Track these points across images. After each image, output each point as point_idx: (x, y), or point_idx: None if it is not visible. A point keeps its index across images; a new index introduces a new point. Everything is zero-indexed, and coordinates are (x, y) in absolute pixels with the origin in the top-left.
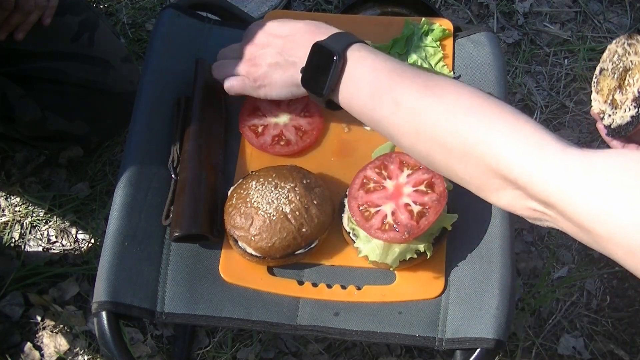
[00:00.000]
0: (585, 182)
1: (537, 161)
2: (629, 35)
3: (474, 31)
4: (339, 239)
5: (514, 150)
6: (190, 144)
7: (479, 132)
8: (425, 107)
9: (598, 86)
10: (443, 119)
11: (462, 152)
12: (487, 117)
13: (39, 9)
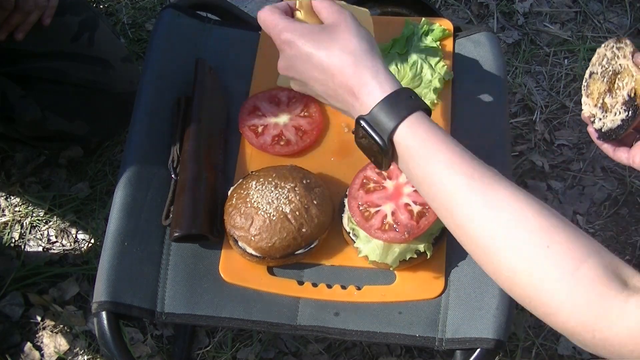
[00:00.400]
0: None
1: None
2: (618, 39)
3: (474, 31)
4: (339, 239)
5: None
6: (190, 144)
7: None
8: (482, 219)
9: (588, 90)
10: (501, 237)
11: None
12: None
13: (39, 9)
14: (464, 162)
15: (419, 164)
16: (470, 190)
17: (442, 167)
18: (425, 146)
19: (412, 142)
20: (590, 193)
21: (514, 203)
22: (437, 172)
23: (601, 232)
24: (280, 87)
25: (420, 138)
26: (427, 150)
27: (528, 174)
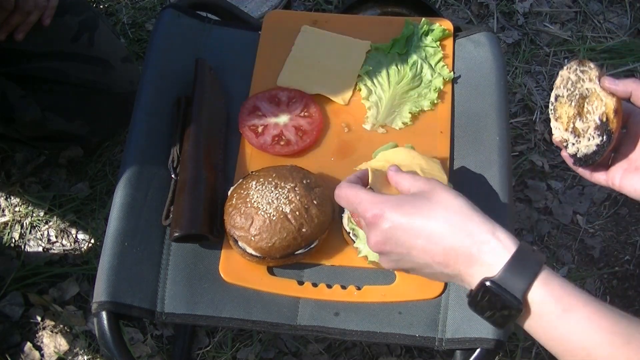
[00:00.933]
0: None
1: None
2: (580, 62)
3: (474, 31)
4: (339, 239)
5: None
6: (190, 144)
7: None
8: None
9: (556, 113)
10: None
11: None
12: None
13: (39, 10)
14: (603, 317)
15: (554, 321)
16: (612, 346)
17: (581, 323)
18: (561, 302)
19: (548, 299)
20: (590, 193)
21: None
22: (576, 329)
23: (601, 232)
24: (280, 87)
25: (557, 295)
26: (564, 306)
27: (528, 174)
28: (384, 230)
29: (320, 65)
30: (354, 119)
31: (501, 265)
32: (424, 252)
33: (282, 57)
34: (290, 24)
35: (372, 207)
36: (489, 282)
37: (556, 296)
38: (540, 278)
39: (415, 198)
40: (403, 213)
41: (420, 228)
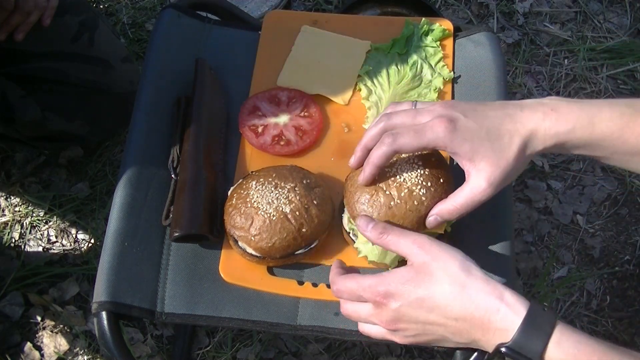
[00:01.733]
0: None
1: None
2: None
3: (474, 31)
4: (339, 239)
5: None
6: (190, 144)
7: None
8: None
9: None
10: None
11: None
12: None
13: (39, 10)
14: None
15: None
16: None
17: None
18: (580, 357)
19: (566, 356)
20: (590, 193)
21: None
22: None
23: (601, 232)
24: (280, 87)
25: (572, 352)
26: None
27: (528, 174)
28: (393, 310)
29: (320, 65)
30: (354, 119)
31: (514, 331)
32: (437, 325)
33: (282, 57)
34: (290, 24)
35: (378, 287)
36: (504, 349)
37: (571, 355)
38: (554, 338)
39: (418, 273)
40: (412, 289)
41: (431, 304)
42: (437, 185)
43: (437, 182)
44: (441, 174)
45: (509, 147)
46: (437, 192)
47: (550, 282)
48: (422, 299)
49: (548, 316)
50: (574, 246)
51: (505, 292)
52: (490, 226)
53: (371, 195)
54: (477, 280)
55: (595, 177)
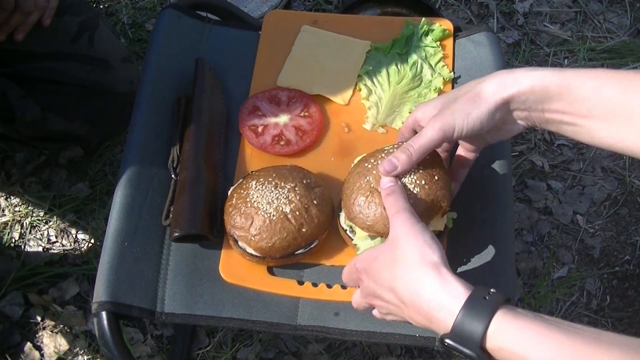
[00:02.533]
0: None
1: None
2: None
3: (474, 31)
4: (338, 239)
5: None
6: (190, 144)
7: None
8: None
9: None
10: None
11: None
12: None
13: (39, 10)
14: (566, 350)
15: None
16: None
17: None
18: (520, 344)
19: (506, 344)
20: (590, 193)
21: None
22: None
23: (601, 232)
24: (280, 87)
25: (513, 337)
26: (524, 347)
27: (528, 174)
28: (366, 286)
29: (320, 65)
30: (354, 119)
31: (451, 322)
32: (396, 306)
33: (282, 57)
34: (290, 24)
35: (357, 266)
36: (446, 340)
37: (512, 339)
38: (493, 326)
39: (382, 250)
40: (374, 267)
41: (387, 283)
42: (432, 183)
43: (432, 180)
44: (436, 171)
45: (464, 94)
46: (432, 190)
47: (550, 282)
48: (381, 278)
49: (490, 302)
50: (574, 246)
51: (447, 282)
52: (490, 226)
53: (366, 197)
54: (426, 268)
55: (595, 177)
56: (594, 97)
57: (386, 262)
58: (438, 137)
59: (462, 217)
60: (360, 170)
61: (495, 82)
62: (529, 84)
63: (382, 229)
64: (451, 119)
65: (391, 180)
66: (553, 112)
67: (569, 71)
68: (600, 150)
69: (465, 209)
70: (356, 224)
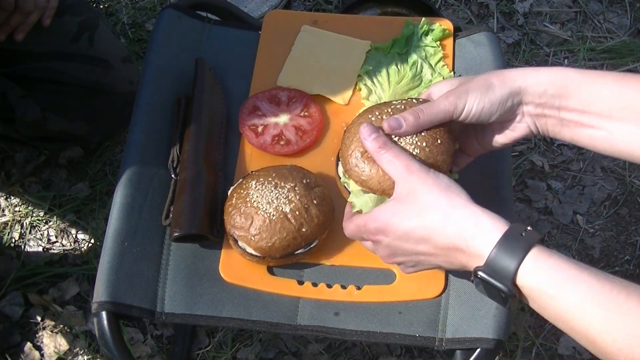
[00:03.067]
0: None
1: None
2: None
3: (474, 31)
4: (339, 238)
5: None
6: (190, 144)
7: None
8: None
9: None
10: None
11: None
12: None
13: (39, 10)
14: (595, 292)
15: (548, 302)
16: (608, 322)
17: (574, 302)
18: (551, 284)
19: (536, 282)
20: (590, 193)
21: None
22: (570, 308)
23: (601, 232)
24: (280, 87)
25: (545, 276)
26: (555, 287)
27: (528, 174)
28: (387, 245)
29: (320, 65)
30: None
31: (487, 255)
32: (429, 255)
33: (282, 57)
34: (290, 24)
35: (369, 224)
36: (480, 272)
37: (545, 277)
38: (527, 262)
39: (403, 203)
40: (397, 225)
41: (416, 236)
42: (434, 146)
43: (434, 143)
44: (440, 135)
45: (483, 75)
46: (432, 153)
47: None
48: (408, 231)
49: (525, 240)
50: (574, 246)
51: (483, 218)
52: None
53: (364, 152)
54: (457, 208)
55: (595, 177)
56: (615, 96)
57: (411, 215)
58: (448, 109)
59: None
60: (362, 121)
61: (517, 71)
62: (549, 76)
63: (375, 185)
64: (464, 95)
65: (372, 131)
66: (570, 110)
67: (591, 72)
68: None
69: None
70: (350, 176)
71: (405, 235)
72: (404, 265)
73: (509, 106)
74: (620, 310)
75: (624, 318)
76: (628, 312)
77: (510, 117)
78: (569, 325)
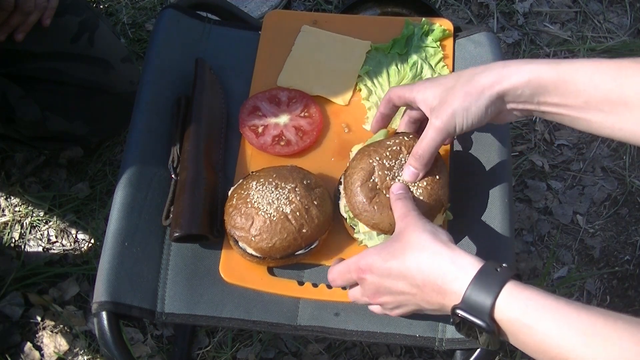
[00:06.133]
0: None
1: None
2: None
3: (474, 31)
4: (339, 239)
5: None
6: (190, 144)
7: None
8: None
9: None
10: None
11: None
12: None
13: (39, 10)
14: (572, 319)
15: (526, 333)
16: (587, 347)
17: (552, 330)
18: (528, 314)
19: (514, 314)
20: (590, 193)
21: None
22: (548, 337)
23: (601, 232)
24: (280, 87)
25: (521, 307)
26: (532, 317)
27: (528, 174)
28: (371, 282)
29: (320, 66)
30: (354, 119)
31: (463, 291)
32: (408, 294)
33: (282, 57)
34: (290, 24)
35: (359, 262)
36: (458, 310)
37: (520, 310)
38: (502, 296)
39: (390, 243)
40: (382, 262)
41: (397, 273)
42: (434, 182)
43: (434, 180)
44: (437, 171)
45: (462, 86)
46: (433, 190)
47: (550, 282)
48: (391, 268)
49: (500, 275)
50: (574, 246)
51: (459, 256)
52: (490, 226)
53: (372, 198)
54: (436, 246)
55: (595, 177)
56: (589, 89)
57: (394, 252)
58: (442, 138)
59: (462, 217)
60: (364, 166)
61: (490, 75)
62: (524, 78)
63: (387, 227)
64: (452, 119)
65: (402, 188)
66: (549, 105)
67: (564, 63)
68: (600, 150)
69: (465, 210)
70: (361, 220)
71: (387, 271)
72: (389, 305)
73: (494, 110)
74: (599, 334)
75: (603, 342)
76: (607, 336)
77: (498, 114)
78: (549, 356)
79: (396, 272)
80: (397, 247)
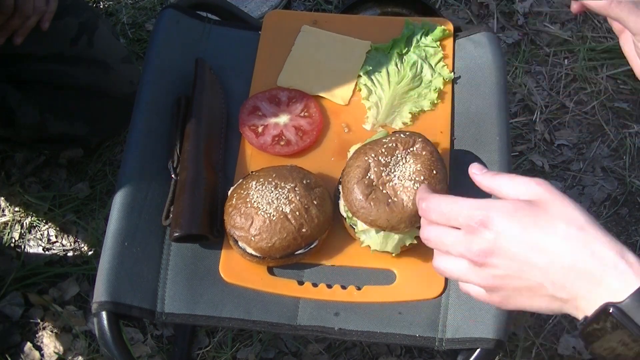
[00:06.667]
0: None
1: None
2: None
3: (474, 31)
4: (339, 239)
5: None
6: (190, 144)
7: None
8: None
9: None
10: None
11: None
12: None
13: (38, 13)
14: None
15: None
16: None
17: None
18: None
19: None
20: (590, 193)
21: None
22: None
23: None
24: (280, 87)
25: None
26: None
27: (528, 174)
28: (490, 240)
29: (320, 66)
30: (354, 119)
31: (629, 292)
32: (539, 269)
33: (282, 57)
34: (290, 24)
35: (476, 211)
36: (612, 308)
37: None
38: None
39: (531, 207)
40: (517, 222)
41: (538, 243)
42: (431, 177)
43: (431, 175)
44: (434, 166)
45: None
46: (431, 185)
47: None
48: (530, 236)
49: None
50: None
51: (627, 251)
52: None
53: (368, 195)
54: (596, 231)
55: (595, 177)
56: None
57: (536, 217)
58: None
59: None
60: (359, 164)
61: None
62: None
63: (384, 223)
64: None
65: (481, 167)
66: None
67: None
68: (600, 150)
69: None
70: (358, 218)
71: (522, 236)
72: (492, 270)
73: None
74: None
75: None
76: None
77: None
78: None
79: (533, 242)
80: (542, 215)
